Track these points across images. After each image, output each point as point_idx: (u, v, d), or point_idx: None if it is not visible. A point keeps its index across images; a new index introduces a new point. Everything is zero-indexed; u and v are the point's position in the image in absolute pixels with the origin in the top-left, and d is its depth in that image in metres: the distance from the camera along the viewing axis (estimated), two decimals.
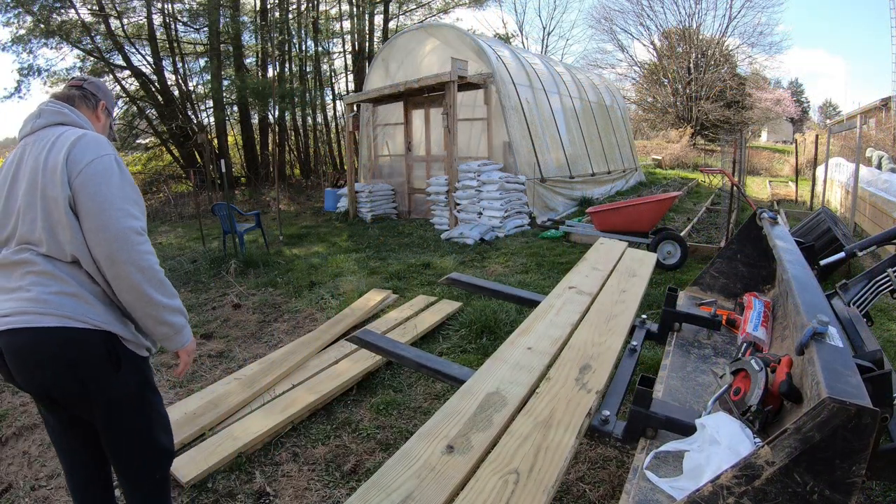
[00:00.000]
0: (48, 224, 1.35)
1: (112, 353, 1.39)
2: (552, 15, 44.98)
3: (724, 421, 1.20)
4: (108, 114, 1.68)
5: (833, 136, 10.65)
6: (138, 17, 13.65)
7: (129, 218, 1.37)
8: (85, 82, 1.64)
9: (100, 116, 1.64)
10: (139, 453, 1.52)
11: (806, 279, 1.53)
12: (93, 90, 1.62)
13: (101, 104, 1.64)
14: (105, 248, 1.33)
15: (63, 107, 1.52)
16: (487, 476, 1.06)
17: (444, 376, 1.77)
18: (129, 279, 1.35)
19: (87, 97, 1.60)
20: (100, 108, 1.64)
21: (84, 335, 1.34)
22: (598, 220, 5.74)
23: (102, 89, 1.67)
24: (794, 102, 31.84)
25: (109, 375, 1.40)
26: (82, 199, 1.34)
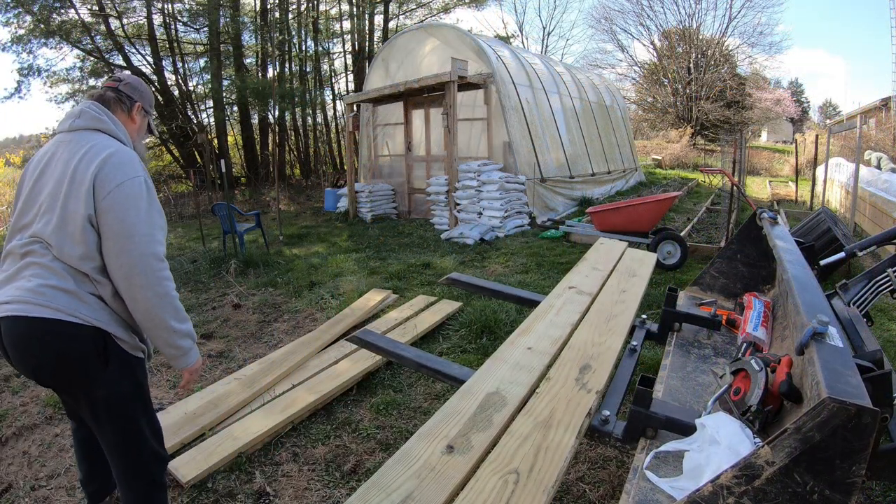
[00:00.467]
0: (62, 234, 1.39)
1: (100, 350, 1.43)
2: (552, 15, 45.03)
3: (724, 421, 1.20)
4: (145, 113, 1.69)
5: (833, 136, 10.65)
6: (138, 17, 13.67)
7: (154, 244, 1.42)
8: (121, 83, 1.64)
9: (135, 118, 1.66)
10: (127, 454, 1.55)
11: (806, 279, 1.53)
12: (128, 92, 1.63)
13: (136, 106, 1.65)
14: (126, 271, 1.38)
15: (102, 112, 1.54)
16: (487, 476, 1.06)
17: (444, 376, 1.77)
18: (146, 303, 1.40)
19: (123, 100, 1.62)
20: (135, 109, 1.65)
21: (74, 329, 1.38)
22: (598, 220, 5.74)
23: (139, 89, 1.67)
24: (794, 102, 31.84)
25: (97, 371, 1.44)
26: (108, 221, 1.38)
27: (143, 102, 1.67)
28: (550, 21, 49.56)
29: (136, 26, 13.87)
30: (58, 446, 2.44)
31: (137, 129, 1.67)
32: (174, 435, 2.37)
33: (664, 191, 11.50)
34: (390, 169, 9.87)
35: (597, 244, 2.96)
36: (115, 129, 1.55)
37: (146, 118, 1.71)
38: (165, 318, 1.43)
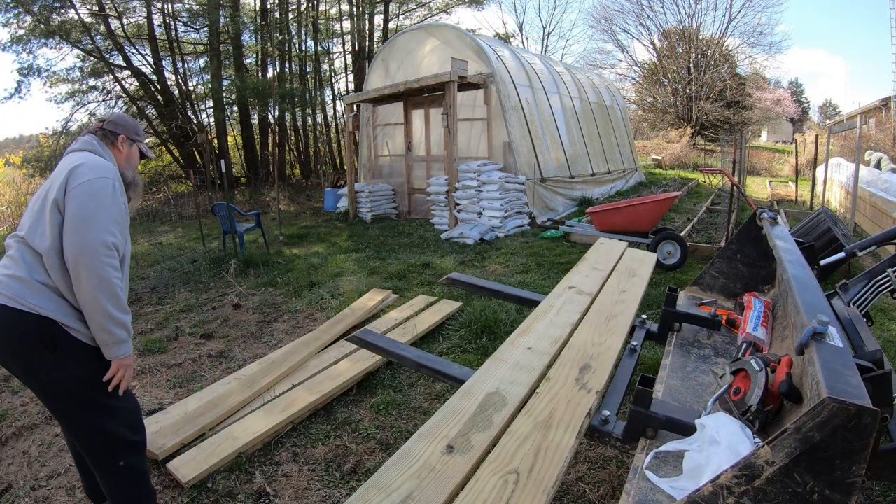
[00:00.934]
0: (36, 223, 1.58)
1: (46, 337, 1.53)
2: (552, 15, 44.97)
3: (724, 421, 1.20)
4: (132, 142, 1.87)
5: (833, 136, 10.65)
6: (138, 17, 13.66)
7: (106, 233, 1.54)
8: (104, 122, 1.85)
9: (121, 149, 1.84)
10: (90, 439, 1.64)
11: (806, 279, 1.53)
12: (111, 128, 1.83)
13: (120, 138, 1.83)
14: (75, 251, 1.50)
15: (92, 138, 1.78)
16: (487, 476, 1.06)
17: (444, 376, 1.77)
18: (87, 283, 1.51)
19: (107, 135, 1.82)
20: (119, 141, 1.83)
21: (20, 316, 1.51)
22: (598, 220, 5.75)
23: (121, 123, 1.86)
24: (794, 102, 31.84)
25: (42, 357, 1.55)
26: (71, 206, 1.53)
27: (126, 133, 1.85)
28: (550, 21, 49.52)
29: (136, 26, 13.86)
30: (58, 446, 2.44)
31: (126, 157, 1.85)
32: (174, 435, 2.37)
33: (664, 191, 11.51)
34: (390, 169, 9.87)
35: (597, 244, 2.96)
36: (101, 152, 1.75)
37: (134, 145, 1.88)
38: (102, 301, 1.52)
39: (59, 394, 1.60)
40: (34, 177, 11.98)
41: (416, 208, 9.18)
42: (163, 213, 10.77)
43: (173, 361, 3.35)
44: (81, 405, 1.61)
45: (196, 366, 3.29)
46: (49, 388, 1.59)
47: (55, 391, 1.59)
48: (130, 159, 1.87)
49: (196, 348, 3.56)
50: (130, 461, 1.70)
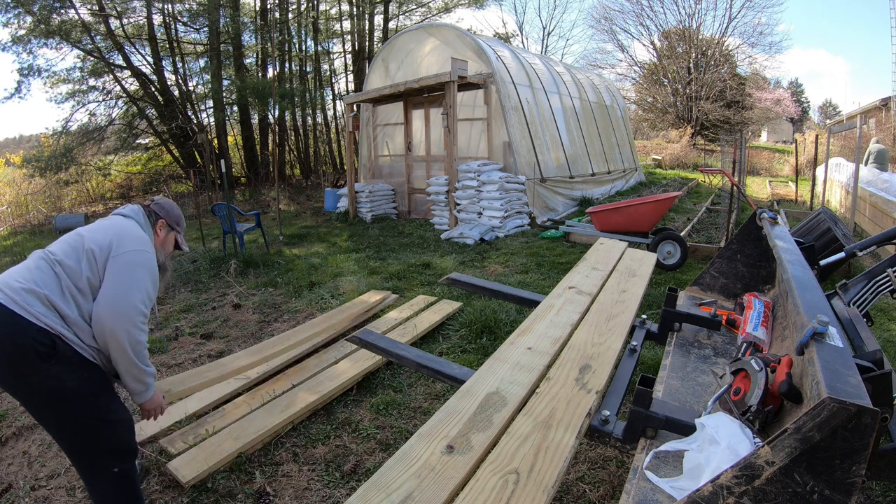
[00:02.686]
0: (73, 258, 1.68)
1: (44, 346, 1.56)
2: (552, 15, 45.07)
3: (724, 421, 1.20)
4: (170, 229, 2.01)
5: (833, 136, 10.65)
6: (138, 17, 13.65)
7: (144, 302, 1.69)
8: (152, 203, 2.00)
9: (158, 233, 1.97)
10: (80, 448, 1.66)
11: (806, 279, 1.53)
12: (156, 209, 1.98)
13: (160, 222, 1.97)
14: (110, 312, 1.61)
15: (141, 211, 1.94)
16: (487, 476, 1.06)
17: (444, 376, 1.77)
18: (121, 344, 1.62)
19: (149, 215, 1.96)
20: (158, 225, 1.97)
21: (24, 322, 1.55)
22: (598, 220, 5.74)
23: (166, 208, 2.00)
24: (794, 102, 31.84)
25: (39, 365, 1.56)
26: (116, 268, 1.67)
27: (167, 219, 1.99)
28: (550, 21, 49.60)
29: (136, 26, 13.86)
30: (58, 446, 2.44)
31: (162, 241, 1.98)
32: (174, 434, 2.37)
33: (664, 191, 11.50)
34: (390, 169, 9.87)
35: (597, 244, 2.96)
36: (145, 228, 1.90)
37: (171, 233, 2.02)
38: (135, 360, 1.67)
39: (53, 402, 1.60)
40: (34, 177, 11.99)
41: (416, 208, 9.18)
42: None
43: (173, 361, 3.35)
44: (74, 414, 1.62)
45: (196, 366, 3.29)
46: (41, 397, 1.60)
47: (48, 400, 1.60)
48: (166, 244, 2.00)
49: (196, 348, 3.56)
50: (123, 468, 1.72)
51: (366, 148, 10.20)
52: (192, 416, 2.57)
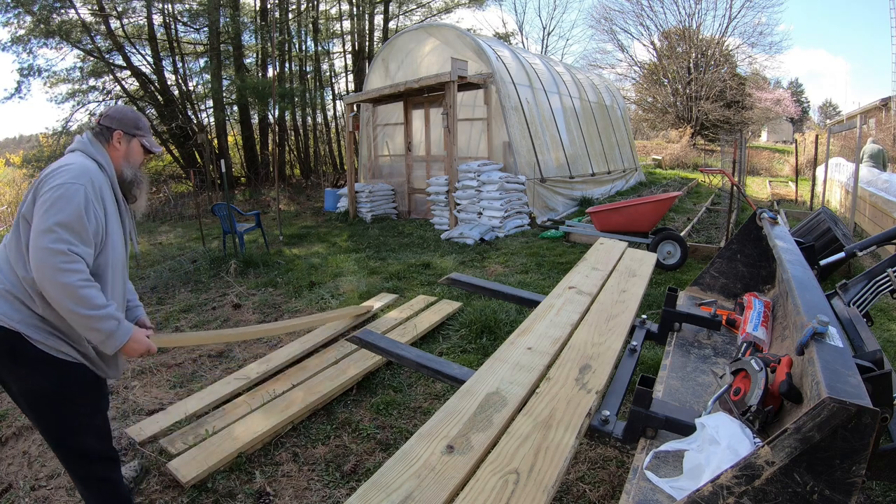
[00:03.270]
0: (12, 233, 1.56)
1: (13, 349, 1.52)
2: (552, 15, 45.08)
3: (724, 421, 1.20)
4: (130, 136, 1.74)
5: (833, 137, 10.65)
6: (138, 17, 13.66)
7: (58, 241, 1.45)
8: (101, 118, 1.75)
9: (117, 146, 1.72)
10: (61, 452, 1.65)
11: (806, 279, 1.53)
12: (106, 123, 1.72)
13: (115, 134, 1.71)
14: (33, 267, 1.46)
15: (86, 137, 1.70)
16: (487, 476, 1.06)
17: (444, 376, 1.77)
18: (52, 293, 1.46)
19: (102, 132, 1.72)
20: (114, 138, 1.72)
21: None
22: (598, 220, 5.74)
23: (117, 118, 1.73)
24: (794, 102, 31.84)
25: (11, 368, 1.54)
26: (35, 216, 1.49)
27: (123, 128, 1.72)
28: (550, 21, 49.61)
29: (137, 26, 13.86)
30: None
31: (124, 155, 1.74)
32: (174, 434, 2.37)
33: (664, 191, 11.51)
34: (390, 169, 9.87)
35: (597, 244, 2.96)
36: (93, 152, 1.66)
37: (134, 141, 1.76)
38: (72, 307, 1.46)
39: (29, 404, 1.59)
40: (34, 177, 11.96)
41: (416, 208, 9.18)
42: (163, 213, 10.78)
43: (173, 361, 3.35)
44: (50, 418, 1.60)
45: (196, 366, 3.29)
46: (21, 399, 1.59)
47: (25, 401, 1.59)
48: (130, 157, 1.75)
49: (196, 348, 3.57)
50: (101, 474, 1.69)
51: (366, 148, 10.20)
52: (191, 416, 2.57)
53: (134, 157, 1.77)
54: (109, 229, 1.63)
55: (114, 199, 1.68)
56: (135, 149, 1.76)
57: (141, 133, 1.77)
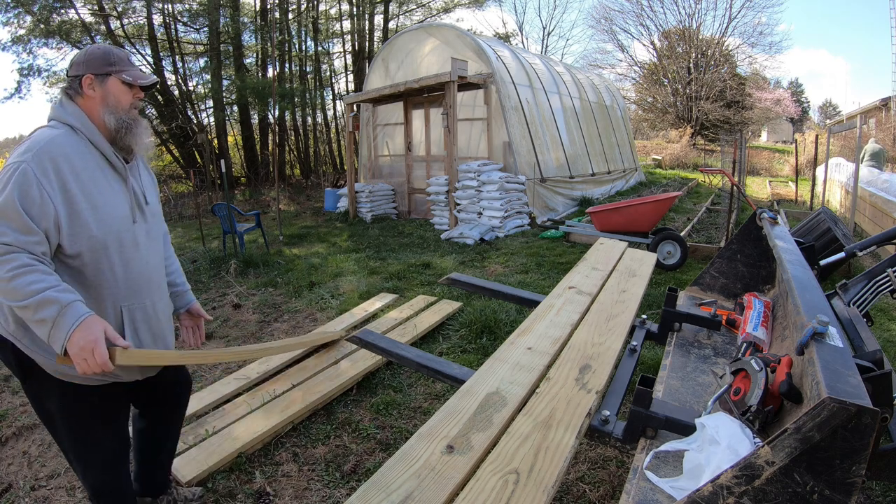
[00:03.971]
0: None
1: (18, 363, 1.41)
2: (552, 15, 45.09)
3: (724, 421, 1.20)
4: (103, 77, 1.44)
5: (833, 137, 10.65)
6: (138, 17, 13.66)
7: None
8: (70, 68, 1.47)
9: (90, 94, 1.43)
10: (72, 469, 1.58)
11: (806, 279, 1.53)
12: (73, 72, 1.44)
13: (84, 80, 1.43)
14: None
15: (56, 101, 1.46)
16: (487, 476, 1.06)
17: (445, 376, 1.77)
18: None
19: (70, 85, 1.45)
20: (84, 85, 1.43)
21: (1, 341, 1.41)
22: (598, 220, 5.74)
23: (83, 61, 1.44)
24: (794, 102, 31.85)
25: (22, 383, 1.45)
26: None
27: (92, 70, 1.43)
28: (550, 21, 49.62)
29: (137, 26, 13.87)
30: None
31: (100, 101, 1.43)
32: None
33: (664, 191, 11.51)
34: (390, 169, 9.87)
35: (597, 244, 2.96)
36: (63, 115, 1.41)
37: (109, 80, 1.44)
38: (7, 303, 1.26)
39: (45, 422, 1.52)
40: None
41: (416, 208, 9.18)
42: (163, 213, 10.76)
43: None
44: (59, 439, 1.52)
45: (196, 366, 3.29)
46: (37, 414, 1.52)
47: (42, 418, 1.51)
48: (108, 100, 1.44)
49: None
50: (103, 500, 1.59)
51: (366, 148, 10.21)
52: (191, 416, 2.57)
53: (114, 99, 1.45)
54: (94, 201, 1.37)
55: (101, 163, 1.42)
56: (112, 89, 1.44)
57: (115, 68, 1.45)
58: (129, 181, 1.49)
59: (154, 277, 1.58)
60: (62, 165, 1.32)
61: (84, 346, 1.23)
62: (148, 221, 1.56)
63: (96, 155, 1.42)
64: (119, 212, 1.44)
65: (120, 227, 1.44)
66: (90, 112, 1.43)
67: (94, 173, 1.40)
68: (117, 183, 1.46)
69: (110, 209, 1.41)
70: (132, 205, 1.49)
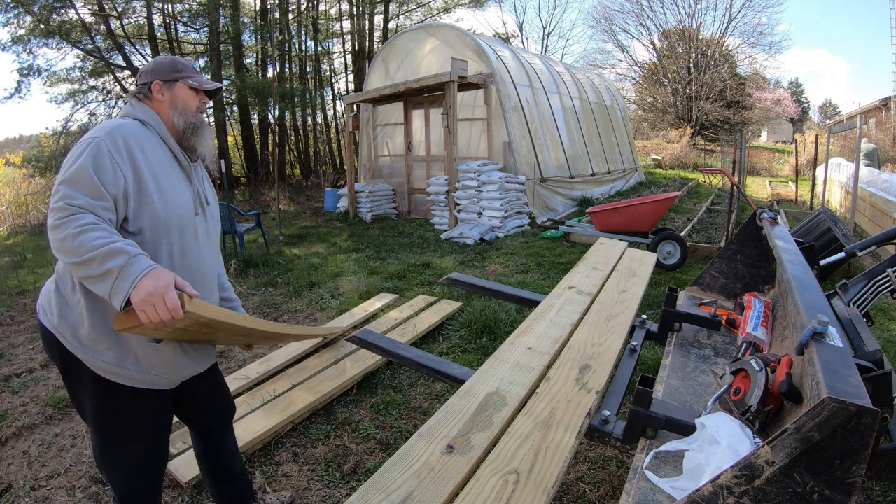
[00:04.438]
0: None
1: (60, 355, 1.41)
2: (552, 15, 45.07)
3: (724, 421, 1.20)
4: (171, 83, 1.51)
5: (833, 136, 10.65)
6: (138, 17, 13.66)
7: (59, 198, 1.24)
8: (138, 77, 1.55)
9: (160, 98, 1.51)
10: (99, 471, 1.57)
11: (806, 279, 1.53)
12: (143, 80, 1.52)
13: (154, 85, 1.50)
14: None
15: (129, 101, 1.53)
16: (487, 476, 1.06)
17: (445, 376, 1.77)
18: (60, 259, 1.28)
19: (141, 90, 1.52)
20: (154, 91, 1.50)
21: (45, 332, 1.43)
22: (598, 221, 5.74)
23: (151, 69, 1.53)
24: (793, 102, 31.86)
25: (63, 376, 1.47)
26: None
27: (158, 77, 1.51)
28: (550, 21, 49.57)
29: (137, 26, 13.87)
30: (58, 446, 2.44)
31: (169, 104, 1.51)
32: (173, 434, 2.37)
33: (664, 191, 11.51)
34: (390, 169, 9.87)
35: (597, 244, 2.96)
36: (135, 112, 1.48)
37: (176, 85, 1.52)
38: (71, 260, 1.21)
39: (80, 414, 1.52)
40: (34, 177, 11.98)
41: (416, 208, 9.18)
42: None
43: None
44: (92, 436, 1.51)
45: None
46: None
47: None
48: (176, 104, 1.51)
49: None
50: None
51: (366, 148, 10.21)
52: None
53: (182, 103, 1.52)
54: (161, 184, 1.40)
55: (168, 156, 1.48)
56: (180, 93, 1.52)
57: (182, 75, 1.54)
58: (193, 179, 1.54)
59: (209, 275, 1.59)
60: (133, 145, 1.37)
61: (154, 292, 1.18)
62: (208, 221, 1.59)
63: (164, 149, 1.47)
64: (183, 200, 1.47)
65: (183, 214, 1.46)
66: (161, 113, 1.50)
67: (163, 161, 1.45)
68: (182, 177, 1.51)
69: (175, 196, 1.44)
70: (195, 199, 1.53)
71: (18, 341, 3.80)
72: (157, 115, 1.49)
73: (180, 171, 1.50)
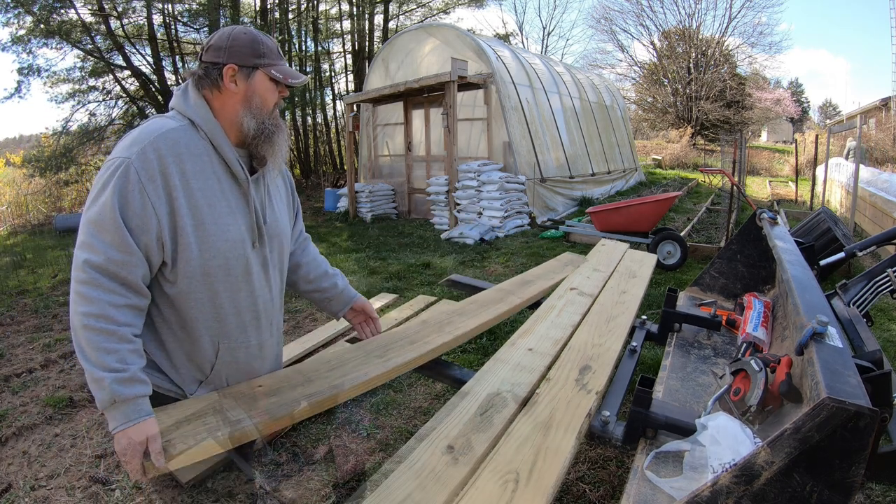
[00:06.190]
0: None
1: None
2: (552, 15, 45.11)
3: (724, 421, 1.20)
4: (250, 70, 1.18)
5: (833, 136, 10.65)
6: (138, 17, 13.66)
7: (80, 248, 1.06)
8: (205, 52, 1.20)
9: (230, 88, 1.18)
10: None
11: (806, 279, 1.53)
12: (211, 58, 1.17)
13: (226, 70, 1.17)
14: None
15: (180, 88, 1.22)
16: (487, 477, 1.06)
17: (445, 377, 1.77)
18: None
19: (207, 73, 1.18)
20: (226, 77, 1.17)
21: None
22: (598, 221, 5.74)
23: (225, 47, 1.17)
24: (794, 102, 31.87)
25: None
26: None
27: (233, 60, 1.16)
28: (550, 21, 49.64)
29: (137, 26, 13.86)
30: (58, 446, 2.44)
31: (243, 99, 1.19)
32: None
33: (664, 191, 11.51)
34: (390, 169, 9.87)
35: (598, 245, 2.96)
36: (184, 107, 1.18)
37: (255, 74, 1.19)
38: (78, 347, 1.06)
39: None
40: (34, 177, 11.98)
41: (416, 208, 9.18)
42: None
43: None
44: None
45: None
46: None
47: None
48: (251, 100, 1.19)
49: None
50: None
51: (366, 148, 10.21)
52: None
53: (260, 100, 1.20)
54: (201, 217, 1.14)
55: (220, 170, 1.18)
56: (259, 87, 1.19)
57: (264, 61, 1.19)
58: (251, 197, 1.22)
59: (265, 312, 1.32)
60: (169, 164, 1.10)
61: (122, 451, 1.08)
62: (266, 245, 1.28)
63: (216, 160, 1.18)
64: (231, 234, 1.19)
65: (230, 252, 1.19)
66: (222, 108, 1.19)
67: (209, 181, 1.16)
68: (236, 198, 1.21)
69: (220, 230, 1.17)
70: (251, 225, 1.23)
71: (18, 341, 3.80)
72: (210, 112, 1.18)
73: (233, 187, 1.20)
